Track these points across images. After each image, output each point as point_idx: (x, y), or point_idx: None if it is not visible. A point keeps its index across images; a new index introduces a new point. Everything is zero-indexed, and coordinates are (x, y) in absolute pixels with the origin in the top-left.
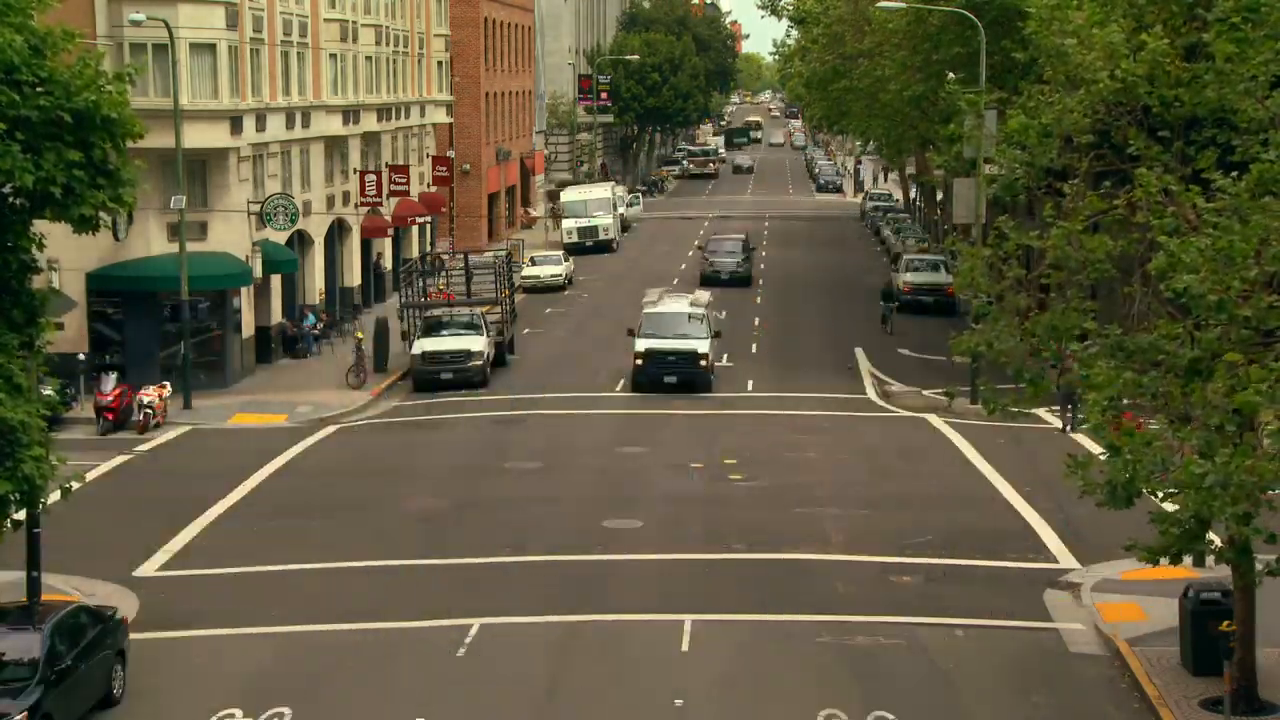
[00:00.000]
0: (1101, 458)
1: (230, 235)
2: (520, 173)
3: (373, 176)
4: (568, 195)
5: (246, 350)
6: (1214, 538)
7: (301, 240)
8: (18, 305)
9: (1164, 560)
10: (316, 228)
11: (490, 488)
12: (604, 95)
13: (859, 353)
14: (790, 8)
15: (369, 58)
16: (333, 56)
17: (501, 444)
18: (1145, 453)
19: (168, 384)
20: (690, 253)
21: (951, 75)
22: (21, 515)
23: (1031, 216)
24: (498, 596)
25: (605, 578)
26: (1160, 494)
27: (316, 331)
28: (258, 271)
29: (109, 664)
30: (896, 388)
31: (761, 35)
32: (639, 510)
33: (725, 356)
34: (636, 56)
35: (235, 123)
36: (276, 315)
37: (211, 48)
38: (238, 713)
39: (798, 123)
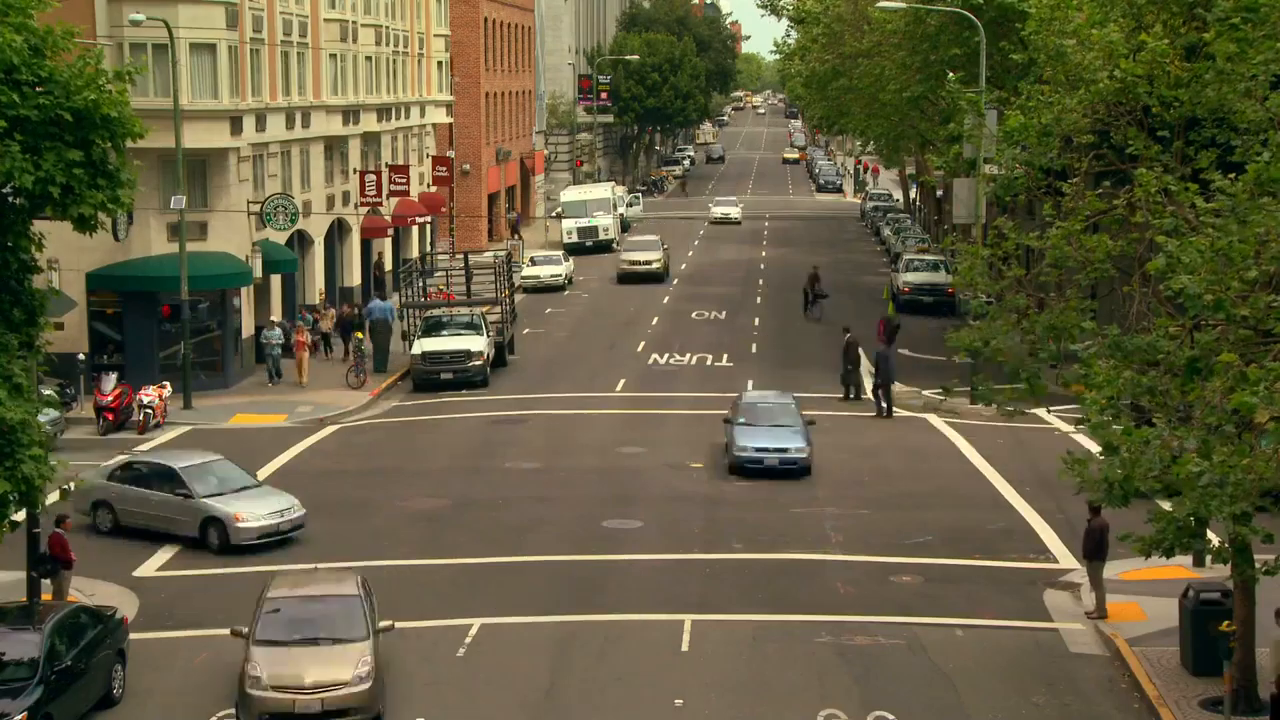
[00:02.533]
0: (1100, 456)
1: (230, 235)
2: (520, 173)
3: (373, 176)
4: (568, 195)
5: (246, 350)
6: (1213, 537)
7: (301, 240)
8: (18, 305)
9: (1156, 554)
10: (316, 228)
11: (490, 488)
12: (604, 95)
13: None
14: (790, 8)
15: (369, 58)
16: (333, 56)
17: (501, 444)
18: (1143, 452)
19: (168, 384)
20: (690, 253)
21: (952, 75)
22: (21, 516)
23: (1031, 216)
24: (498, 596)
25: (605, 578)
26: (1157, 490)
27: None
28: (258, 271)
29: (109, 664)
30: (896, 388)
31: (762, 35)
32: (639, 510)
33: (725, 356)
34: (636, 57)
35: (235, 123)
36: (276, 315)
37: (211, 48)
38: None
39: (798, 123)
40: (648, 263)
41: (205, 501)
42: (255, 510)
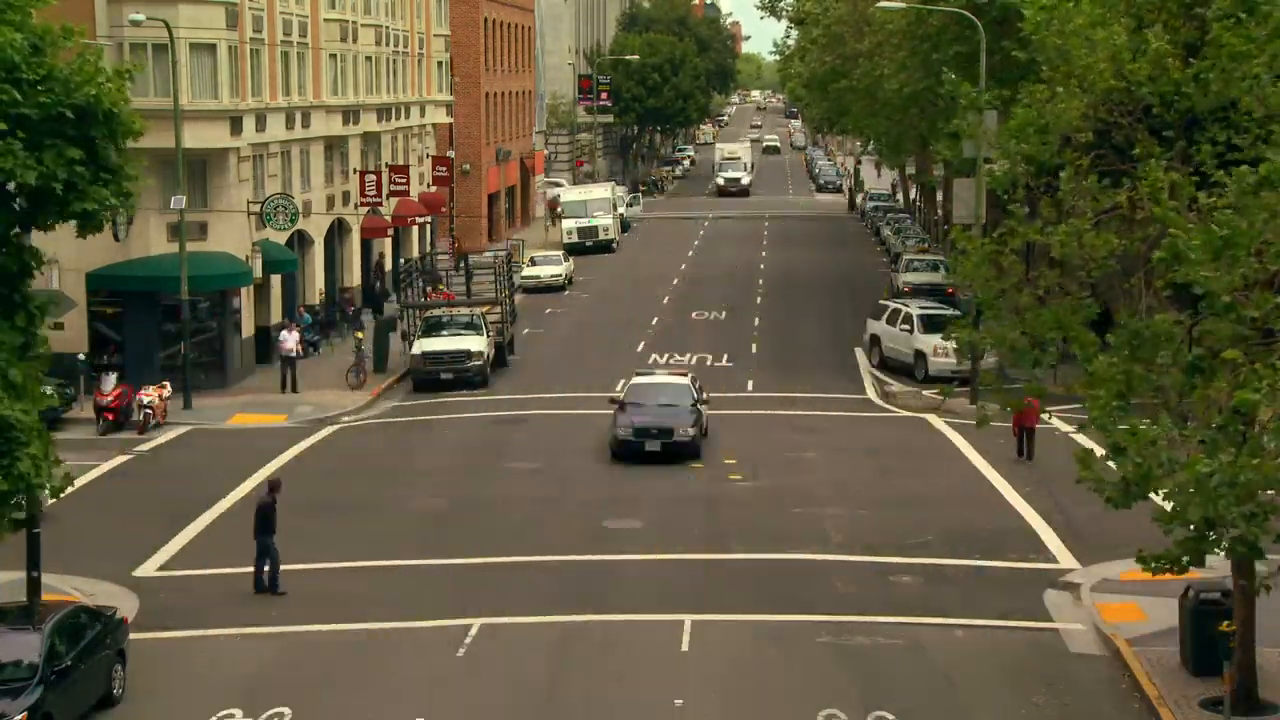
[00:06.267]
0: (1103, 456)
1: (230, 235)
2: (520, 173)
3: (373, 176)
4: (567, 195)
5: (246, 350)
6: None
7: (301, 240)
8: (18, 305)
9: (1171, 570)
10: (316, 228)
11: (490, 488)
12: (604, 95)
13: (858, 353)
14: (790, 8)
15: (369, 58)
16: (333, 56)
17: (501, 444)
18: (1150, 452)
19: (168, 384)
20: (690, 253)
21: (951, 75)
22: (21, 515)
23: (1033, 215)
24: (498, 596)
25: (605, 578)
26: (1164, 493)
27: (314, 336)
28: (258, 271)
29: (109, 664)
30: (896, 388)
31: (762, 35)
32: (639, 510)
33: (725, 356)
34: (636, 57)
35: (235, 123)
36: (276, 315)
37: (211, 48)
38: (238, 713)
39: (798, 123)
40: None
41: None
42: None
